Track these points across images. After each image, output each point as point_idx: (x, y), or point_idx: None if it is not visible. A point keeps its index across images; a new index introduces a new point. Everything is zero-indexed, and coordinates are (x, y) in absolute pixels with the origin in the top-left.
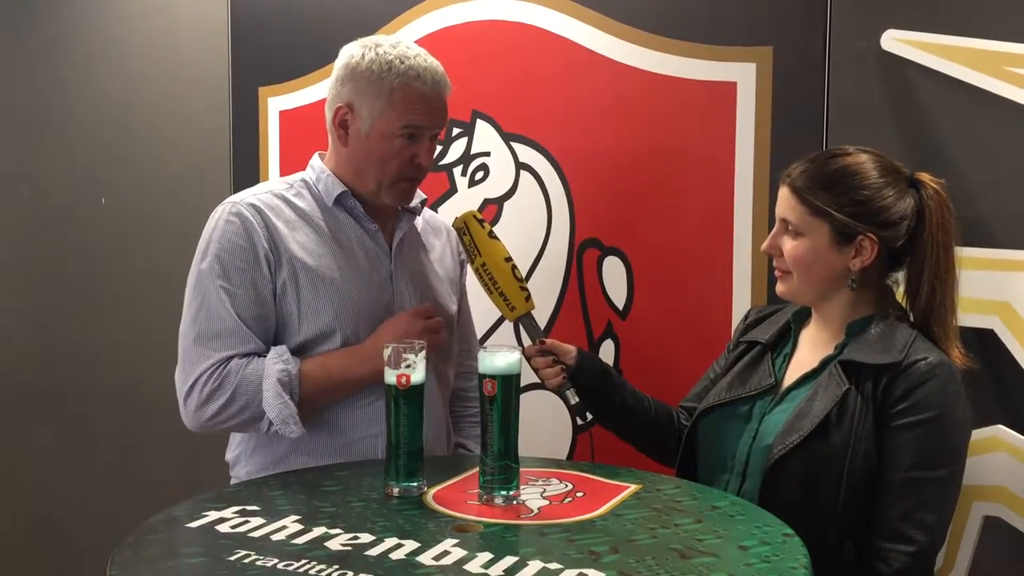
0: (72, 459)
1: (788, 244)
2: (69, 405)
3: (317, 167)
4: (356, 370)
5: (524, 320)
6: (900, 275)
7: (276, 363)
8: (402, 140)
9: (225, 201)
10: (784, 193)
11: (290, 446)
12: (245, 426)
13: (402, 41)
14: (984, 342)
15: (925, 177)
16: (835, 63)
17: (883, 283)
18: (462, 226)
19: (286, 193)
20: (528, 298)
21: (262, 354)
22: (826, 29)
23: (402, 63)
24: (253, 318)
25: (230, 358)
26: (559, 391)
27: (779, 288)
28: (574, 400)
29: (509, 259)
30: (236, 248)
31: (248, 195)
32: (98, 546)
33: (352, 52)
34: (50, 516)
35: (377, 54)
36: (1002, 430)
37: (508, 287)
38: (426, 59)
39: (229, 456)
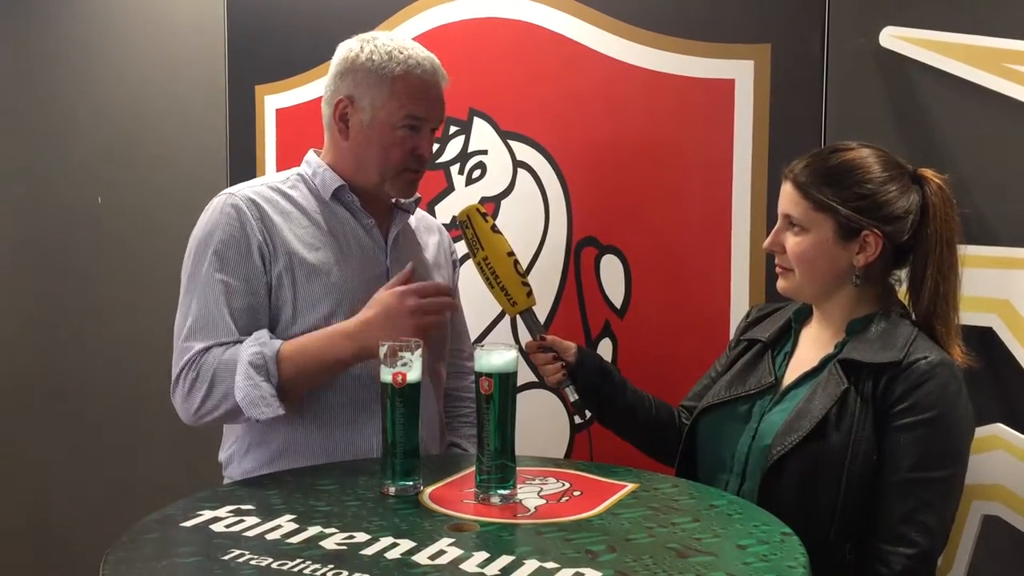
0: (67, 458)
1: (791, 240)
2: (65, 403)
3: (313, 162)
4: (338, 350)
5: (525, 315)
6: (902, 274)
7: (251, 347)
8: (404, 131)
9: (220, 193)
10: (787, 189)
11: (283, 445)
12: (233, 416)
13: (398, 35)
14: (983, 340)
15: (928, 173)
16: (833, 60)
17: (886, 280)
18: (465, 219)
19: (282, 186)
20: (530, 293)
21: None
22: (824, 26)
23: (401, 53)
24: (242, 310)
25: (209, 348)
26: (559, 388)
27: (780, 285)
28: (574, 397)
29: (511, 254)
30: (230, 240)
31: (244, 187)
32: (94, 545)
33: (350, 46)
34: (47, 515)
35: (376, 46)
36: (1001, 428)
37: (510, 282)
38: (423, 50)
39: (222, 456)
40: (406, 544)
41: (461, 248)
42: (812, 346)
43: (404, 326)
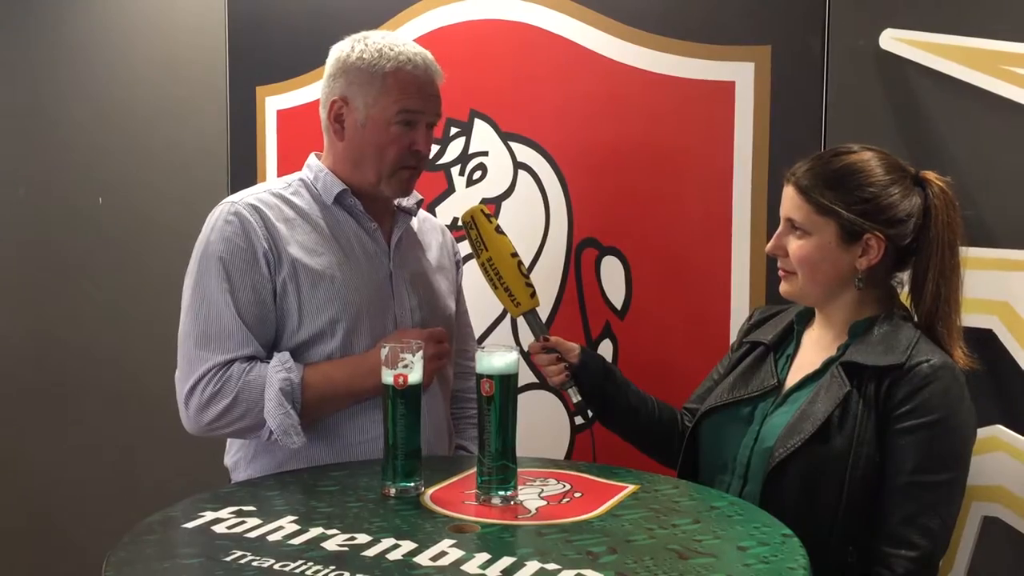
0: (67, 459)
1: (794, 244)
2: (66, 404)
3: (315, 166)
4: (361, 383)
5: (528, 316)
6: (904, 276)
7: (279, 371)
8: (399, 127)
9: (223, 201)
10: (789, 192)
11: (291, 451)
12: (245, 432)
13: (391, 33)
14: (983, 342)
15: (931, 176)
16: (834, 62)
17: (888, 283)
18: (469, 220)
19: (284, 192)
20: (533, 294)
21: (262, 358)
22: (825, 28)
23: (392, 50)
24: (254, 319)
25: (231, 361)
26: (561, 389)
27: (783, 288)
28: (576, 398)
29: (515, 254)
30: (235, 248)
31: (246, 195)
32: (96, 546)
33: (342, 47)
34: (48, 516)
35: (367, 44)
36: (1001, 430)
37: (513, 282)
38: (415, 47)
39: (228, 461)
40: (407, 545)
41: (464, 248)
42: (814, 349)
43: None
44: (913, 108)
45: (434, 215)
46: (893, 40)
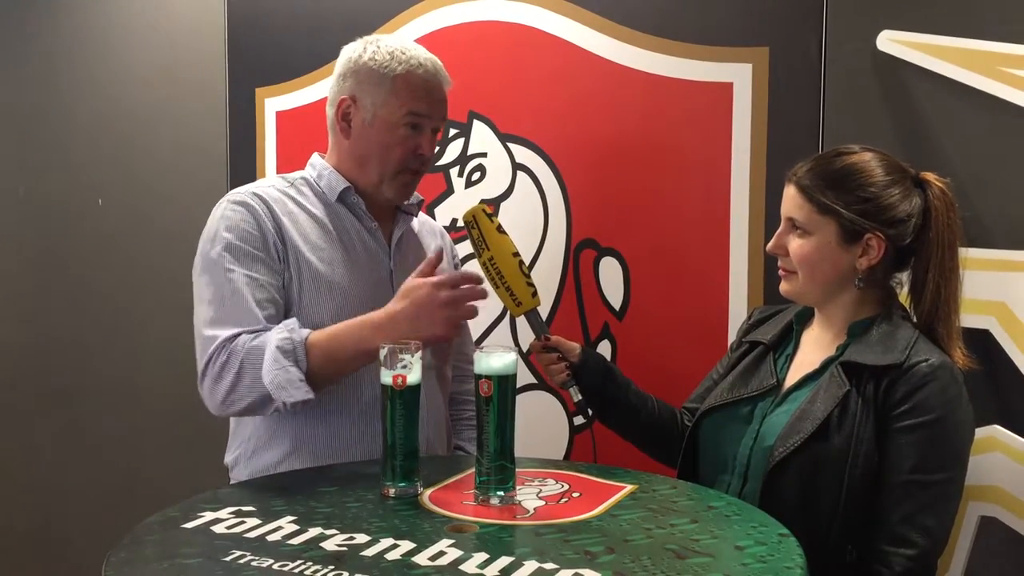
0: (67, 459)
1: (794, 243)
2: (65, 404)
3: (318, 165)
4: (369, 341)
5: (530, 316)
6: (904, 276)
7: (280, 332)
8: (405, 129)
9: (227, 193)
10: (790, 192)
11: (291, 447)
12: (261, 406)
13: (402, 38)
14: (980, 342)
15: (931, 177)
16: (831, 64)
17: (888, 284)
18: (471, 219)
19: (287, 189)
20: (534, 294)
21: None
22: (822, 30)
23: (403, 53)
24: (264, 300)
25: (238, 335)
26: (562, 388)
27: (783, 288)
28: (577, 397)
29: (517, 254)
30: (244, 233)
31: (250, 187)
32: (96, 546)
33: (354, 48)
34: (48, 516)
35: (379, 47)
36: (998, 430)
37: (515, 282)
38: (426, 52)
39: (228, 459)
40: (406, 545)
41: (462, 250)
42: (813, 348)
43: (436, 319)
44: (910, 110)
45: (433, 216)
46: (890, 42)
